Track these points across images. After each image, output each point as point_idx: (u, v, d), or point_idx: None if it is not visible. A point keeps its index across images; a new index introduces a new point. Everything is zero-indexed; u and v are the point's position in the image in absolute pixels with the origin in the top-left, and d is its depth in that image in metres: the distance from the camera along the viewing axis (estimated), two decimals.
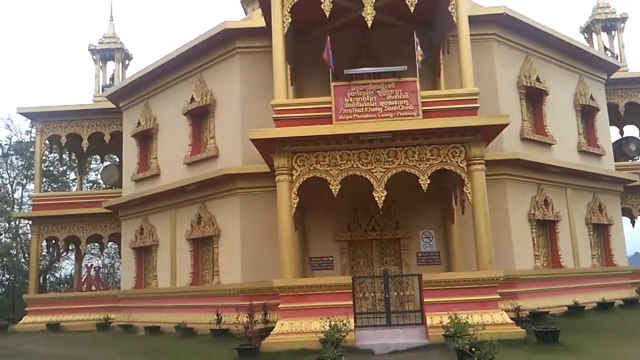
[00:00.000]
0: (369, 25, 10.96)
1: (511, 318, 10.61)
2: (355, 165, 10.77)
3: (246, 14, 19.51)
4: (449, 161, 10.72)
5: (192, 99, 15.23)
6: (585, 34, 21.36)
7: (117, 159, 22.70)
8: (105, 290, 19.94)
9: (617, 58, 19.99)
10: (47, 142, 20.41)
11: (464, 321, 9.14)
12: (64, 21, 62.95)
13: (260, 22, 13.39)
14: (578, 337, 9.92)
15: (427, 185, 10.56)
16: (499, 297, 10.43)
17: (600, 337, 10.36)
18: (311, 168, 10.78)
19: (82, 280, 20.53)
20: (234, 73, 14.44)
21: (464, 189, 10.64)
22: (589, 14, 21.37)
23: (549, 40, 15.58)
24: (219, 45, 14.65)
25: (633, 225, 20.18)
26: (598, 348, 9.22)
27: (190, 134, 15.43)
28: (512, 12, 14.47)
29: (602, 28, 20.91)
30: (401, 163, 10.74)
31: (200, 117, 15.40)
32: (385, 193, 10.54)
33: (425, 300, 10.33)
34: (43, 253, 25.62)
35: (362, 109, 10.93)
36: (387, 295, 10.61)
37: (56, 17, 62.40)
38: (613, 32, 20.99)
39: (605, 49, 20.59)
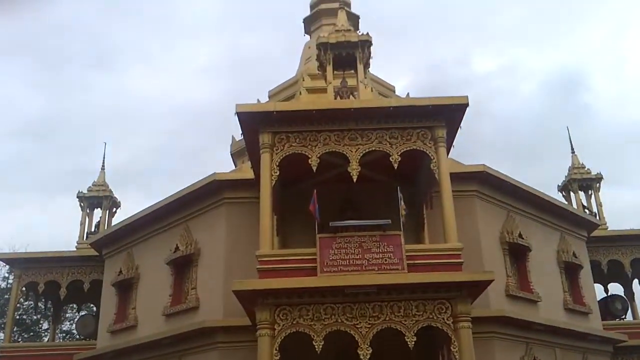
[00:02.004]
0: (354, 180, 11.25)
1: None
2: (339, 320, 10.46)
3: (235, 165, 20.06)
4: (435, 317, 10.47)
5: (177, 248, 15.12)
6: (563, 192, 22.06)
7: (95, 309, 22.00)
8: None
9: (595, 216, 20.50)
10: (23, 289, 19.86)
11: None
12: (47, 167, 64.47)
13: (249, 174, 13.72)
14: None
15: (413, 342, 10.22)
16: None
17: None
18: (294, 322, 10.45)
19: None
20: (220, 223, 14.52)
21: (451, 347, 10.28)
22: (565, 173, 22.24)
23: (529, 197, 16.03)
24: (207, 195, 14.87)
25: None
26: None
27: (171, 283, 15.13)
28: (492, 171, 15.01)
29: (578, 187, 21.64)
30: (387, 319, 10.46)
31: (183, 266, 15.20)
32: (371, 350, 10.15)
33: None
34: None
35: (347, 261, 10.87)
36: None
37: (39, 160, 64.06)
38: (590, 191, 21.72)
39: (584, 207, 21.16)
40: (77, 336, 24.23)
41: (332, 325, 10.42)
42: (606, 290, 21.69)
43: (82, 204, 21.47)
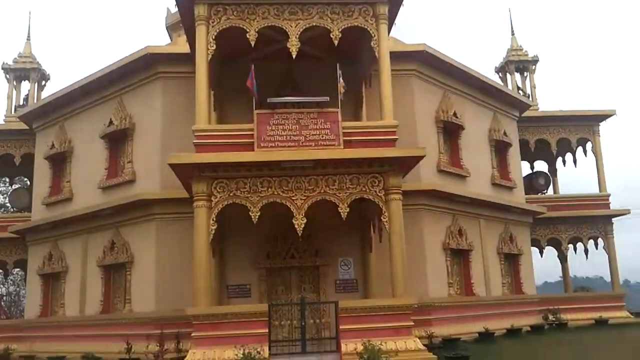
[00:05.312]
0: (294, 56, 11.09)
1: (424, 344, 10.77)
2: (276, 193, 10.75)
3: (171, 39, 19.32)
4: (368, 190, 10.90)
5: (111, 122, 14.83)
6: (500, 73, 22.49)
7: (28, 182, 21.68)
8: (7, 319, 18.75)
9: (528, 97, 21.12)
10: None
11: (378, 348, 9.28)
12: None
13: (185, 48, 13.29)
14: None
15: (346, 213, 10.67)
16: (412, 324, 10.58)
17: None
18: (231, 194, 10.67)
19: None
20: (155, 98, 14.21)
21: (382, 218, 10.82)
22: (504, 55, 22.53)
23: (465, 77, 16.29)
24: (140, 69, 14.41)
25: (541, 255, 21.02)
26: None
27: (107, 157, 14.99)
28: (432, 50, 15.05)
29: (515, 69, 22.07)
30: (321, 191, 10.81)
31: (118, 140, 14.99)
32: (305, 221, 10.55)
33: (340, 327, 10.34)
34: None
35: (285, 137, 10.99)
36: (303, 323, 10.59)
37: None
38: (525, 73, 22.20)
39: (518, 88, 21.72)
40: (11, 209, 24.07)
41: (269, 197, 10.71)
42: (532, 167, 22.91)
43: (7, 76, 20.41)
